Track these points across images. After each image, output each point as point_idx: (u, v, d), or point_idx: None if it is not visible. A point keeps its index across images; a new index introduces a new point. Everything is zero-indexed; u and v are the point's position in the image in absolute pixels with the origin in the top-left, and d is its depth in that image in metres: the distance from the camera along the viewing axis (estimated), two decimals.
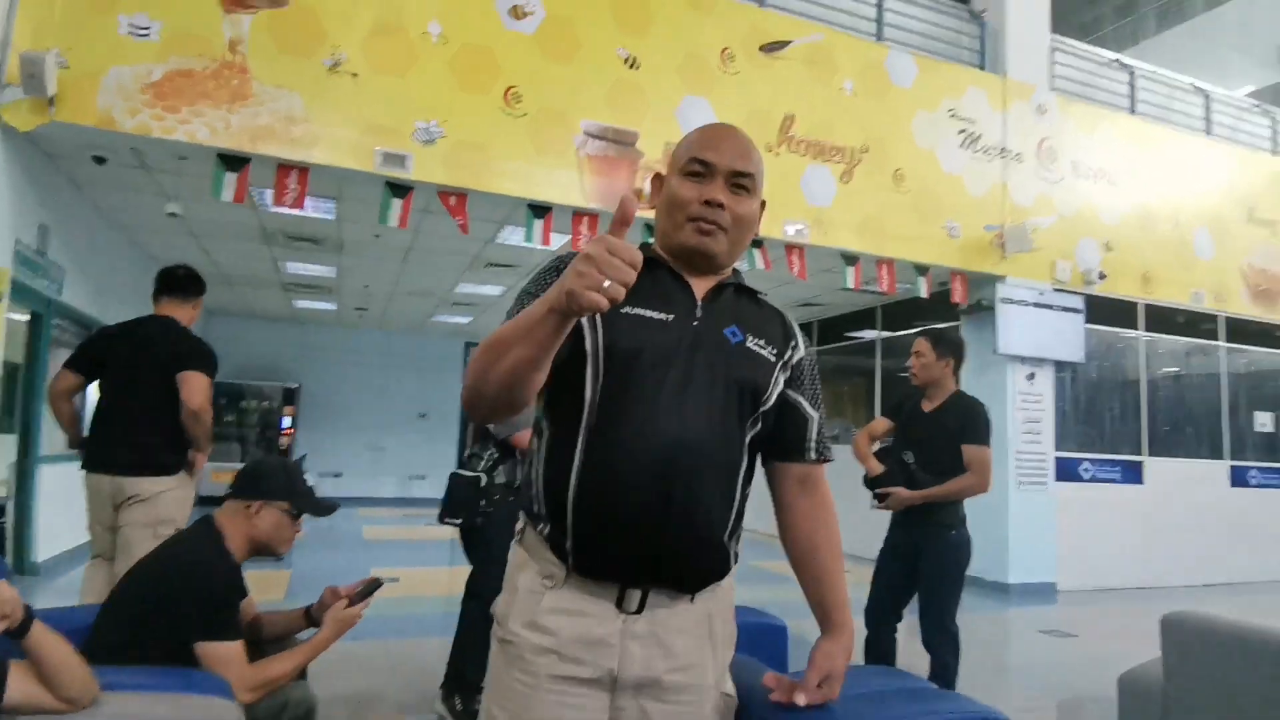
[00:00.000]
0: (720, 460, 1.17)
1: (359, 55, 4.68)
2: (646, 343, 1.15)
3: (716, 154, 1.21)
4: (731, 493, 1.19)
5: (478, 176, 4.92)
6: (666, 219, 1.24)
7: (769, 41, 5.91)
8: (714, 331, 1.21)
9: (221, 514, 1.89)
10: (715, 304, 1.24)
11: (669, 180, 1.25)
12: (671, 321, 1.18)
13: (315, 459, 11.39)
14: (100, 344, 3.18)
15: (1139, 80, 7.87)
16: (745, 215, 1.23)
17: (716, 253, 1.22)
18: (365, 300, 9.95)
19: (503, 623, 1.17)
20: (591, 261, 0.89)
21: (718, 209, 1.19)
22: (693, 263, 1.24)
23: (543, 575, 1.16)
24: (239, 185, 4.49)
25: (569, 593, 1.14)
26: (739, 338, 1.22)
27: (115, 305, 6.82)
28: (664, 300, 1.20)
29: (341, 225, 6.37)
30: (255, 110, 4.44)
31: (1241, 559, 7.57)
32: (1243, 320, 8.09)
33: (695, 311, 1.21)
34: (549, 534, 1.15)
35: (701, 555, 1.16)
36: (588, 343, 1.15)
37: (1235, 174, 8.18)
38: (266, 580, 5.28)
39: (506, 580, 1.22)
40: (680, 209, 1.21)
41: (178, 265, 3.30)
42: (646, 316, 1.17)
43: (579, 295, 0.89)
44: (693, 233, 1.20)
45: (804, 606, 1.31)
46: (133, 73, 4.20)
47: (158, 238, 6.98)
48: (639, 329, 1.16)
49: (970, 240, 6.54)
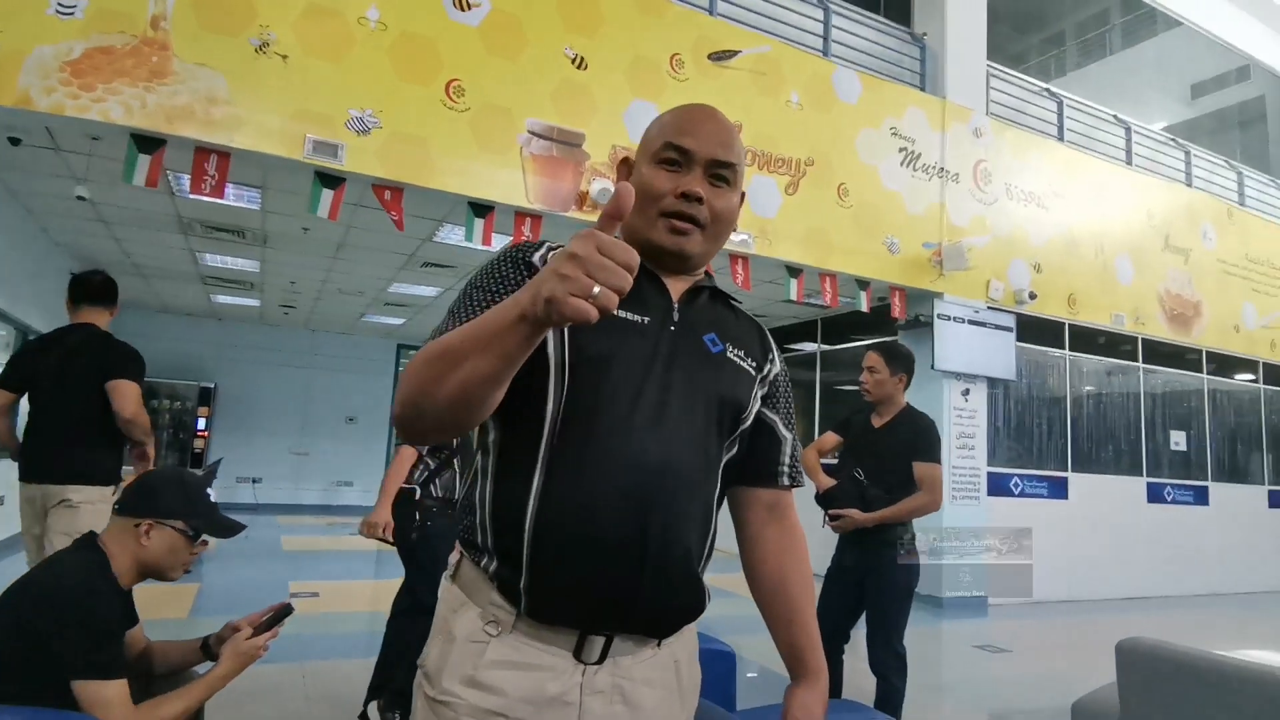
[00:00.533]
0: (700, 486, 1.02)
1: (290, 36, 4.40)
2: (619, 349, 0.99)
3: (695, 140, 1.05)
4: (708, 523, 1.04)
5: (416, 171, 4.69)
6: (636, 212, 1.06)
7: (718, 50, 5.87)
8: (693, 338, 1.06)
9: (107, 534, 1.66)
10: (692, 307, 1.09)
11: (639, 167, 1.08)
12: (647, 325, 1.03)
13: (233, 463, 10.80)
14: (27, 359, 3.19)
15: (1066, 109, 8.18)
16: (725, 211, 1.07)
17: (692, 254, 1.07)
18: (291, 297, 9.49)
19: (434, 679, 0.97)
20: (578, 262, 0.72)
21: (696, 203, 1.04)
22: (662, 263, 1.08)
23: (486, 620, 0.97)
24: (152, 168, 4.15)
25: (518, 641, 0.96)
26: (719, 347, 1.08)
27: (17, 296, 6.33)
28: (638, 300, 1.02)
29: (266, 217, 6.01)
30: (174, 89, 4.12)
31: (1158, 574, 7.89)
32: (1157, 342, 8.47)
33: (672, 314, 1.06)
34: (496, 571, 0.97)
35: (680, 593, 1.01)
36: (550, 347, 0.98)
37: (1153, 203, 8.58)
38: (168, 595, 4.86)
39: (437, 627, 1.02)
40: (653, 202, 1.04)
41: (93, 271, 3.27)
42: (620, 317, 1.00)
43: (562, 303, 0.71)
44: (666, 230, 1.04)
45: (747, 622, 1.18)
46: (54, 51, 3.89)
47: (65, 224, 6.48)
48: (611, 332, 0.98)
49: (909, 257, 6.63)
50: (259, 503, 11.13)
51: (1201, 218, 9.03)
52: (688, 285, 1.10)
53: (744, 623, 1.21)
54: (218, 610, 4.89)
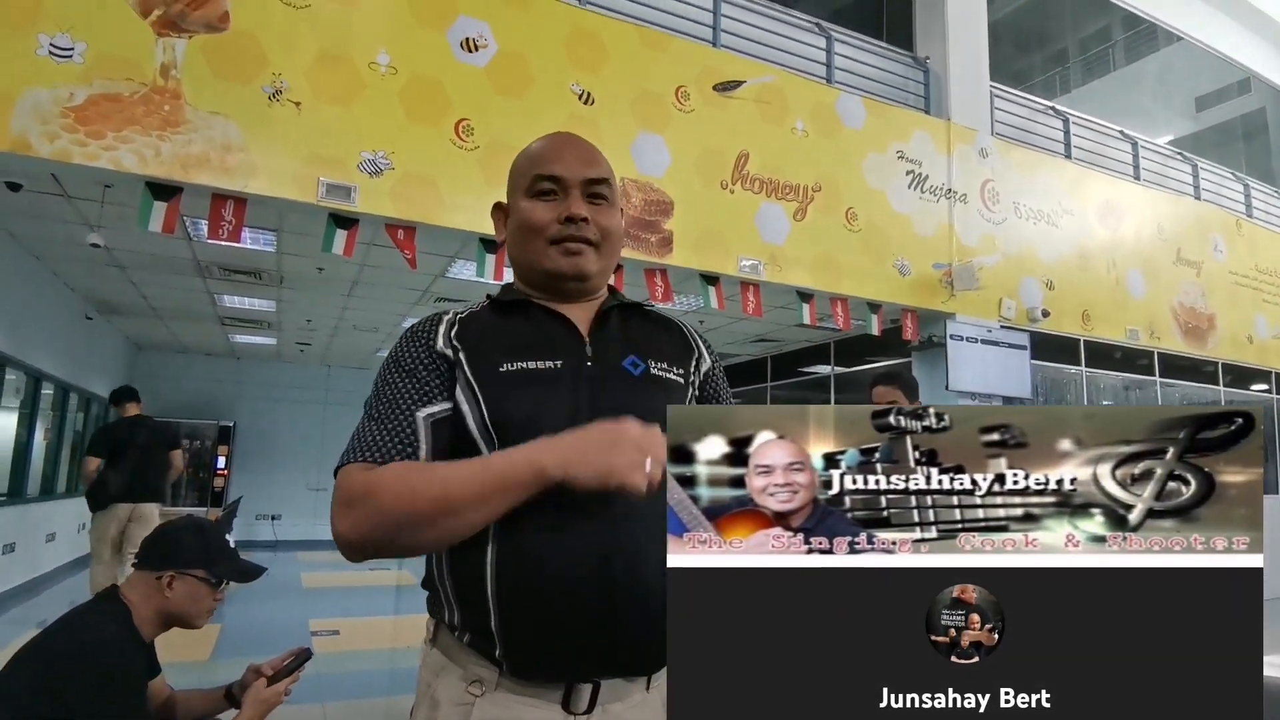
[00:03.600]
0: (655, 512, 1.03)
1: (302, 83, 4.51)
2: (540, 403, 0.97)
3: (564, 165, 1.06)
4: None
5: (427, 209, 4.76)
6: (522, 249, 1.07)
7: (722, 81, 5.95)
8: (611, 367, 1.04)
9: (128, 587, 1.67)
10: (603, 334, 1.07)
11: (515, 204, 1.09)
12: (561, 368, 1.00)
13: (252, 500, 10.87)
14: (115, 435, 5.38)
15: (1072, 127, 8.20)
16: (611, 227, 1.08)
17: (591, 272, 1.06)
18: (307, 335, 9.60)
19: None
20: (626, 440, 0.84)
21: (583, 223, 1.04)
22: (563, 291, 1.08)
23: (469, 681, 0.95)
24: (169, 216, 4.24)
25: (504, 697, 0.94)
26: (641, 367, 1.05)
27: (31, 341, 6.40)
28: (546, 346, 1.02)
29: (282, 258, 6.11)
30: (188, 137, 4.21)
31: None
32: (1173, 355, 8.39)
33: (584, 350, 1.04)
34: (471, 641, 0.96)
35: (657, 623, 0.97)
36: (470, 422, 0.97)
37: (1163, 217, 8.55)
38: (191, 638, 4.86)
39: (421, 693, 1.00)
40: (537, 234, 1.05)
41: (123, 386, 5.67)
42: (530, 369, 0.99)
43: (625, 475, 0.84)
44: (558, 255, 1.05)
45: None
46: (52, 95, 3.92)
47: (80, 269, 6.60)
48: (525, 387, 0.98)
49: (920, 278, 6.63)
50: (278, 539, 11.17)
51: (1211, 230, 8.98)
52: (593, 311, 1.09)
53: None
54: (240, 651, 4.89)
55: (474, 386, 0.98)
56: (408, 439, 0.96)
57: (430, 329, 1.05)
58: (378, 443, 0.96)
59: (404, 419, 0.98)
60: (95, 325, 8.45)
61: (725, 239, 5.74)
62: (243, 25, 4.39)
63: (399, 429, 0.97)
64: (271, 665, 1.83)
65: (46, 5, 3.97)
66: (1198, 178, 9.19)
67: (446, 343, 1.03)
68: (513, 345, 0.99)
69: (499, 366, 0.98)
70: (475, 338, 1.03)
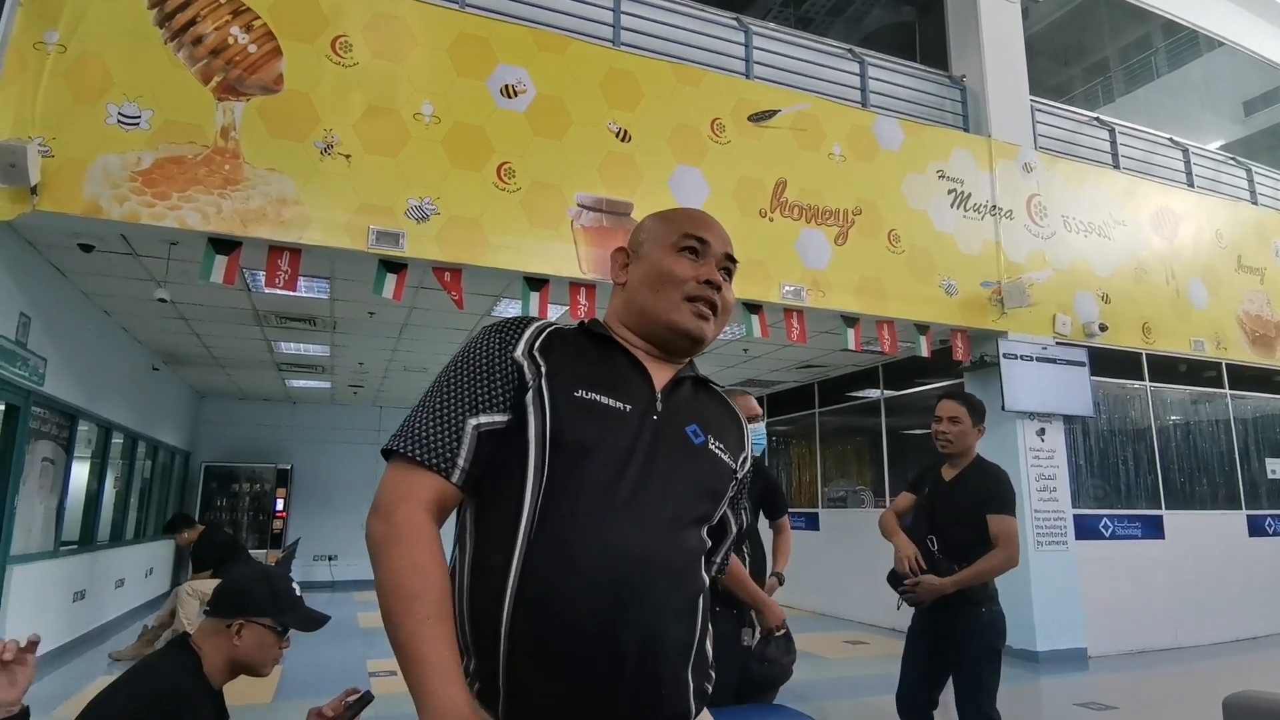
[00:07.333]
0: (681, 578, 0.99)
1: (351, 137, 4.68)
2: (601, 436, 0.98)
3: (712, 234, 1.13)
4: (694, 618, 1.00)
5: (472, 251, 4.87)
6: (655, 296, 1.10)
7: (757, 111, 5.99)
8: (675, 429, 1.05)
9: (199, 634, 1.71)
10: (675, 397, 1.09)
11: (654, 255, 1.12)
12: (629, 413, 1.02)
13: (310, 542, 11.06)
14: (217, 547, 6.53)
15: (1119, 136, 8.02)
16: (730, 303, 1.15)
17: (708, 338, 1.11)
18: (360, 378, 9.83)
19: None
20: None
21: (716, 290, 1.11)
22: (672, 346, 1.11)
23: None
24: (229, 268, 4.42)
25: None
26: (701, 438, 1.07)
27: (102, 393, 6.67)
28: (622, 387, 1.03)
29: (335, 304, 6.30)
30: (247, 194, 4.41)
31: (1268, 613, 7.30)
32: (1242, 365, 8.04)
33: (655, 404, 1.05)
34: (475, 669, 0.94)
35: (667, 697, 0.95)
36: (531, 429, 0.97)
37: (1220, 224, 8.27)
38: (255, 682, 4.94)
39: None
40: (675, 286, 1.09)
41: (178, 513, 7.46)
42: (603, 404, 1.00)
43: None
44: (690, 314, 1.09)
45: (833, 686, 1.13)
46: (121, 161, 4.16)
47: (147, 322, 6.89)
48: (593, 418, 0.99)
49: (968, 297, 6.50)
50: (335, 580, 11.32)
51: (1271, 235, 8.65)
52: (671, 374, 1.11)
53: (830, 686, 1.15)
54: (302, 693, 4.95)
55: (545, 400, 0.99)
56: (449, 445, 0.98)
57: (513, 334, 1.06)
58: (424, 439, 0.99)
59: (454, 421, 0.99)
60: (161, 375, 8.79)
61: (766, 266, 5.73)
62: (296, 85, 4.60)
63: (446, 431, 0.99)
64: (332, 708, 1.84)
65: (115, 77, 4.23)
66: (1253, 182, 8.88)
67: (527, 352, 1.04)
68: (592, 375, 1.01)
69: (574, 390, 0.99)
70: (560, 356, 1.04)
